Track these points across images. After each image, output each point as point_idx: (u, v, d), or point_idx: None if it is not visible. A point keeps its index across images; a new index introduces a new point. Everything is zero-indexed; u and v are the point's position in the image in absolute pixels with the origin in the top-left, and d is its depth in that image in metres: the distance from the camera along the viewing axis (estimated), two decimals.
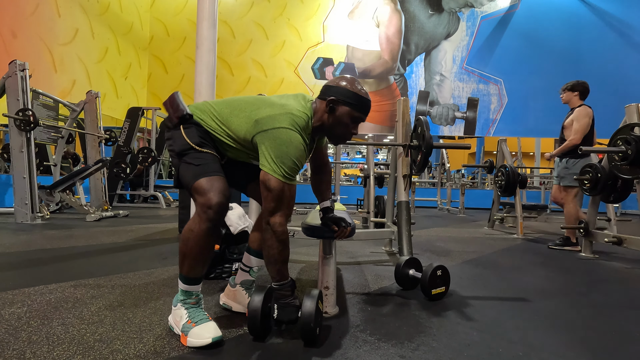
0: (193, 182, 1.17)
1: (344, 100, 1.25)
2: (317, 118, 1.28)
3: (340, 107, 1.26)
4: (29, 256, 2.39)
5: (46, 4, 5.75)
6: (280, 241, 1.17)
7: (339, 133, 1.30)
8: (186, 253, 1.17)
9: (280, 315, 1.19)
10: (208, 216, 1.13)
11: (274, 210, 1.17)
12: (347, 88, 1.26)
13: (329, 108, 1.25)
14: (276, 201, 1.16)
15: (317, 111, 1.28)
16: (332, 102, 1.25)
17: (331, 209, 1.46)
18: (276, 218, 1.17)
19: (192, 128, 1.25)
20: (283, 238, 1.18)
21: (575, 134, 3.19)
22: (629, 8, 7.21)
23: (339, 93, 1.25)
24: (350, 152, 19.02)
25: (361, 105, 1.27)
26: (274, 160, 1.15)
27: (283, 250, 1.19)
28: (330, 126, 1.28)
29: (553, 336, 1.33)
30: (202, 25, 3.03)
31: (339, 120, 1.27)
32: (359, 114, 1.28)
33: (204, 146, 1.24)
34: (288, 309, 1.19)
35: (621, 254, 3.05)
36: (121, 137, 6.48)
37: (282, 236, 1.17)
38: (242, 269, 1.47)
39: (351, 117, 1.27)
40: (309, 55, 7.83)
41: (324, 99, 1.27)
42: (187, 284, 1.20)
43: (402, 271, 1.81)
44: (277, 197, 1.16)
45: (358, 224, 4.17)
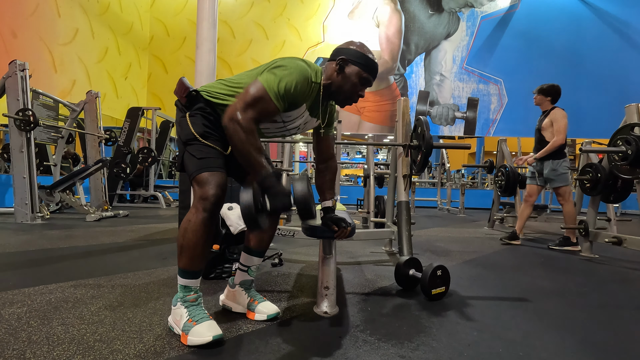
0: (195, 174, 1.21)
1: (353, 60, 1.30)
2: (326, 77, 1.33)
3: (349, 67, 1.31)
4: (29, 256, 2.39)
5: (46, 4, 5.75)
6: (247, 132, 1.13)
7: (347, 92, 1.34)
8: (184, 245, 1.18)
9: (273, 202, 1.14)
10: (204, 206, 1.16)
11: (243, 108, 1.14)
12: (356, 50, 1.31)
13: (339, 67, 1.31)
14: (249, 101, 1.15)
15: (326, 71, 1.33)
16: (341, 61, 1.30)
17: (332, 209, 1.46)
18: (243, 115, 1.13)
19: (198, 116, 1.26)
20: (249, 127, 1.13)
21: (558, 134, 3.24)
22: (629, 8, 7.22)
23: (349, 53, 1.31)
24: (350, 152, 19.03)
25: (369, 66, 1.32)
26: (271, 73, 1.18)
27: (251, 139, 1.14)
28: (338, 85, 1.32)
29: (553, 336, 1.33)
30: (202, 25, 3.03)
31: (347, 79, 1.31)
32: (367, 74, 1.32)
33: (209, 137, 1.25)
34: (280, 196, 1.15)
35: (621, 254, 3.05)
36: (121, 137, 6.48)
37: (247, 127, 1.13)
38: (240, 268, 1.47)
39: (360, 77, 1.32)
40: (309, 55, 7.83)
41: (334, 60, 1.32)
42: (185, 278, 1.20)
43: (402, 271, 1.81)
44: (253, 101, 1.15)
45: (358, 224, 4.18)
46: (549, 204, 6.63)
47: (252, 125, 1.15)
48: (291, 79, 1.19)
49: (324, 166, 1.52)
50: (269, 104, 1.18)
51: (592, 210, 2.98)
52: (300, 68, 1.22)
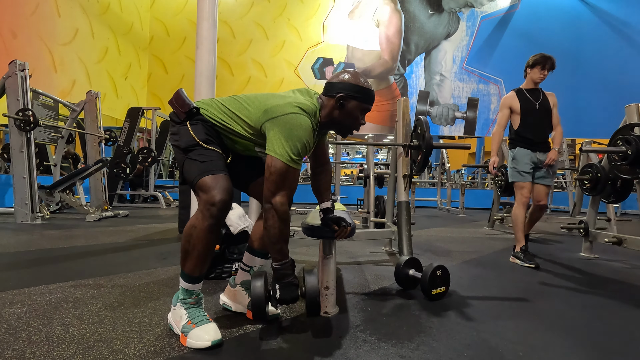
0: (198, 180, 1.18)
1: (352, 95, 1.29)
2: (325, 114, 1.32)
3: (349, 102, 1.30)
4: (29, 256, 2.39)
5: (46, 4, 5.75)
6: (281, 220, 1.17)
7: (349, 125, 1.35)
8: (189, 250, 1.17)
9: (283, 294, 1.19)
10: (211, 213, 1.14)
11: (276, 191, 1.18)
12: (352, 82, 1.30)
13: (339, 104, 1.30)
14: (279, 183, 1.17)
15: (324, 107, 1.32)
16: (341, 99, 1.29)
17: (331, 210, 1.46)
18: (278, 198, 1.17)
19: (199, 125, 1.26)
20: (284, 217, 1.18)
21: (559, 122, 2.82)
22: (629, 8, 7.22)
23: (345, 89, 1.29)
24: (350, 152, 19.02)
25: (367, 97, 1.33)
26: (282, 144, 1.17)
27: (284, 229, 1.19)
28: (340, 120, 1.33)
29: (553, 336, 1.33)
30: (202, 25, 3.03)
31: (349, 114, 1.32)
32: (367, 105, 1.33)
33: (210, 143, 1.25)
34: (290, 287, 1.20)
35: (621, 254, 3.05)
36: (121, 137, 6.48)
37: (283, 215, 1.18)
38: (242, 269, 1.47)
39: (360, 110, 1.33)
40: (309, 55, 7.84)
41: (332, 96, 1.31)
42: (188, 282, 1.20)
43: (402, 271, 1.81)
44: (281, 179, 1.17)
45: (358, 224, 4.18)
46: (548, 204, 6.63)
47: (287, 208, 1.19)
48: (302, 142, 1.19)
49: (320, 170, 1.52)
50: (294, 173, 1.20)
51: (592, 210, 2.98)
52: (305, 126, 1.20)
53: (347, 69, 1.39)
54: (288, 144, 1.17)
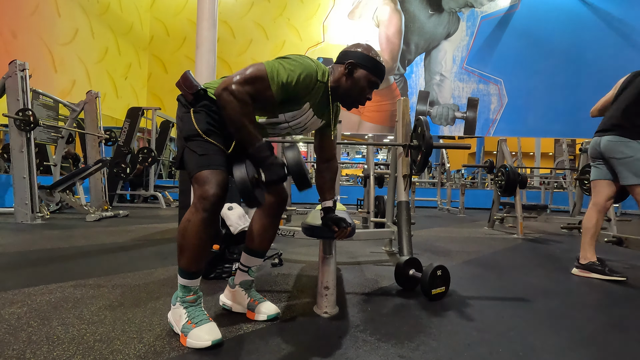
0: (195, 172, 1.19)
1: (362, 64, 1.30)
2: (334, 79, 1.33)
3: (358, 70, 1.31)
4: (29, 256, 2.39)
5: (46, 4, 5.75)
6: (240, 100, 1.14)
7: (354, 95, 1.34)
8: (184, 245, 1.17)
9: (269, 175, 1.15)
10: (204, 206, 1.14)
11: (241, 81, 1.15)
12: (365, 53, 1.31)
13: (348, 71, 1.30)
14: (248, 78, 1.16)
15: (333, 73, 1.33)
16: (350, 65, 1.30)
17: (333, 209, 1.46)
18: (237, 87, 1.14)
19: (202, 113, 1.25)
20: (242, 97, 1.14)
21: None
22: (629, 8, 7.21)
23: (357, 57, 1.30)
24: (350, 152, 19.02)
25: (378, 70, 1.33)
26: (277, 61, 1.19)
27: (245, 109, 1.15)
28: (346, 89, 1.33)
29: (553, 336, 1.33)
30: (202, 25, 3.03)
31: (355, 83, 1.31)
32: (375, 78, 1.33)
33: (211, 134, 1.23)
34: (274, 167, 1.16)
35: (621, 254, 3.05)
36: (121, 137, 6.48)
37: (241, 95, 1.14)
38: (240, 269, 1.47)
39: (368, 81, 1.32)
40: (309, 55, 7.82)
41: (342, 63, 1.32)
42: (185, 278, 1.20)
43: (402, 271, 1.81)
44: (252, 78, 1.16)
45: (358, 224, 4.18)
46: (549, 204, 6.64)
47: (247, 98, 1.15)
48: (294, 72, 1.19)
49: (325, 166, 1.51)
50: (266, 87, 1.18)
51: None
52: (306, 64, 1.23)
53: (361, 42, 1.38)
54: (280, 65, 1.19)
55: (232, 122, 1.16)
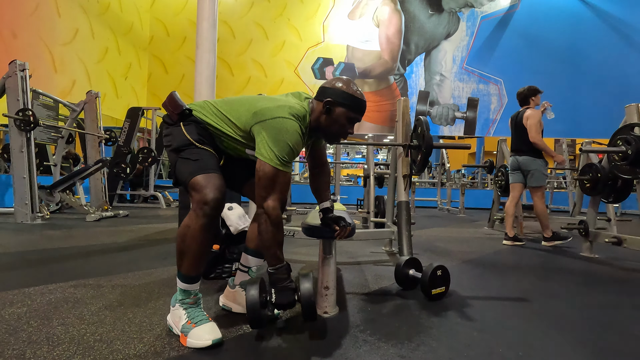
0: (190, 179, 1.18)
1: (340, 102, 1.28)
2: (314, 118, 1.31)
3: (336, 109, 1.29)
4: (29, 256, 2.39)
5: (46, 4, 5.75)
6: (274, 224, 1.17)
7: (335, 132, 1.33)
8: (184, 250, 1.17)
9: (279, 298, 1.18)
10: (204, 212, 1.14)
11: (267, 196, 1.18)
12: (343, 89, 1.29)
13: (326, 109, 1.28)
14: (270, 187, 1.17)
15: (313, 111, 1.31)
16: (328, 104, 1.28)
17: (331, 210, 1.46)
18: (269, 202, 1.17)
19: (192, 125, 1.27)
20: (277, 221, 1.18)
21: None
22: (629, 8, 7.21)
23: (335, 95, 1.28)
24: (350, 152, 19.02)
25: (357, 106, 1.30)
26: (270, 148, 1.17)
27: (277, 234, 1.19)
28: (326, 126, 1.31)
29: (553, 336, 1.33)
30: (202, 25, 3.03)
31: (335, 121, 1.30)
32: (355, 114, 1.31)
33: (203, 143, 1.25)
34: (286, 292, 1.19)
35: (621, 254, 3.05)
36: (121, 137, 6.48)
37: (276, 219, 1.17)
38: (240, 269, 1.47)
39: (347, 118, 1.30)
40: (309, 55, 7.83)
41: (321, 100, 1.30)
42: (186, 283, 1.20)
43: (402, 271, 1.81)
44: (271, 183, 1.17)
45: (358, 224, 4.17)
46: (549, 204, 6.64)
47: (279, 212, 1.19)
48: (290, 147, 1.18)
49: (318, 170, 1.53)
50: (283, 176, 1.19)
51: (592, 210, 2.98)
52: (291, 130, 1.19)
53: (341, 76, 1.37)
54: (276, 148, 1.17)
55: (262, 241, 1.20)
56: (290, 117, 1.20)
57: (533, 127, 3.34)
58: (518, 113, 3.56)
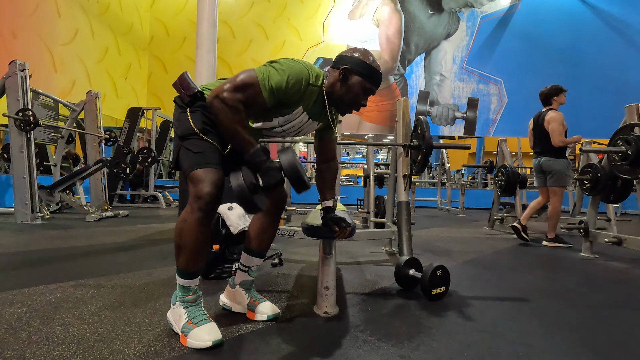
0: (190, 171, 1.18)
1: (357, 70, 1.27)
2: (328, 84, 1.30)
3: (352, 77, 1.28)
4: (29, 256, 2.39)
5: (46, 4, 5.75)
6: (232, 108, 1.14)
7: (348, 101, 1.32)
8: (181, 245, 1.17)
9: (266, 179, 1.14)
10: (199, 205, 1.14)
11: (232, 90, 1.15)
12: (360, 59, 1.28)
13: (342, 76, 1.28)
14: (239, 85, 1.15)
15: (328, 77, 1.31)
16: (345, 71, 1.27)
17: (333, 209, 1.46)
18: (228, 94, 1.14)
19: (198, 113, 1.25)
20: (234, 105, 1.14)
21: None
22: (629, 8, 7.22)
23: (352, 63, 1.28)
24: (350, 152, 19.03)
25: (373, 76, 1.30)
26: (267, 66, 1.18)
27: (237, 116, 1.15)
28: (341, 94, 1.30)
29: (553, 336, 1.33)
30: (202, 25, 3.04)
31: (350, 89, 1.29)
32: (370, 85, 1.30)
33: (207, 133, 1.23)
34: (271, 172, 1.15)
35: (621, 254, 3.05)
36: (121, 137, 6.47)
37: (233, 103, 1.14)
38: (240, 269, 1.47)
39: (362, 88, 1.29)
40: (309, 55, 7.84)
41: (337, 68, 1.29)
42: (184, 278, 1.20)
43: (402, 271, 1.81)
44: (242, 85, 1.16)
45: (358, 224, 4.17)
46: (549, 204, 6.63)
47: (239, 104, 1.15)
48: (284, 76, 1.18)
49: (325, 166, 1.51)
50: (257, 93, 1.17)
51: (592, 210, 2.98)
52: (296, 68, 1.21)
53: (359, 47, 1.35)
54: (271, 70, 1.17)
55: (226, 130, 1.17)
56: (302, 63, 1.21)
57: (555, 133, 3.24)
58: (540, 114, 3.44)
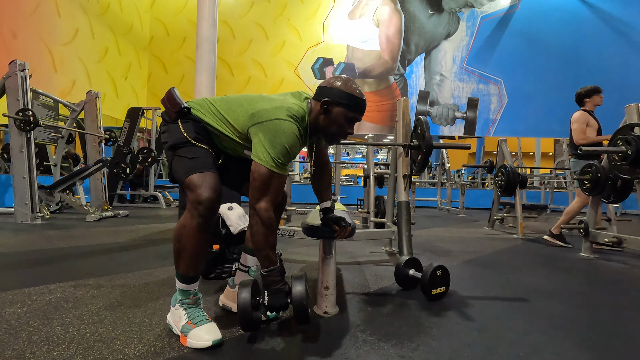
0: (185, 178, 1.19)
1: (338, 101, 1.26)
2: (312, 118, 1.30)
3: (334, 108, 1.27)
4: (29, 256, 2.39)
5: (46, 4, 5.75)
6: (266, 226, 1.17)
7: (333, 133, 1.31)
8: (181, 250, 1.17)
9: (272, 301, 1.18)
10: (199, 212, 1.14)
11: (260, 197, 1.17)
12: (340, 89, 1.26)
13: (324, 109, 1.27)
14: (263, 189, 1.17)
15: (312, 111, 1.30)
16: (326, 104, 1.26)
17: (331, 209, 1.46)
18: (262, 204, 1.17)
19: (190, 123, 1.27)
20: (269, 223, 1.17)
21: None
22: (629, 8, 7.21)
23: (332, 94, 1.26)
24: (350, 152, 19.03)
25: (355, 105, 1.28)
26: (266, 150, 1.16)
27: (269, 235, 1.18)
28: (324, 126, 1.29)
29: (553, 336, 1.33)
30: (202, 25, 3.03)
31: (333, 121, 1.28)
32: (354, 114, 1.29)
33: (200, 141, 1.25)
34: (279, 294, 1.18)
35: (621, 254, 3.05)
36: (121, 137, 6.48)
37: (267, 221, 1.17)
38: (240, 269, 1.47)
39: (345, 118, 1.28)
40: (309, 55, 7.83)
41: (319, 100, 1.28)
42: (184, 283, 1.20)
43: (402, 271, 1.81)
44: (265, 185, 1.17)
45: (358, 224, 4.17)
46: (549, 204, 6.63)
47: (271, 214, 1.18)
48: (286, 149, 1.18)
49: (319, 170, 1.53)
50: (278, 179, 1.19)
51: (592, 210, 2.98)
52: (288, 132, 1.19)
53: (340, 75, 1.35)
54: (272, 150, 1.16)
55: (255, 243, 1.20)
56: (287, 118, 1.19)
57: (576, 132, 3.29)
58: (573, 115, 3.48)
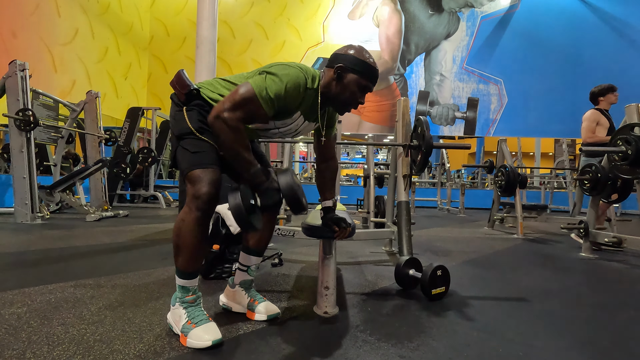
0: (187, 172, 1.19)
1: (351, 67, 1.25)
2: (323, 83, 1.29)
3: (347, 75, 1.26)
4: (29, 256, 2.39)
5: (46, 4, 5.75)
6: (233, 129, 1.13)
7: (345, 100, 1.30)
8: (180, 245, 1.17)
9: (264, 200, 1.15)
10: (197, 205, 1.15)
11: (231, 108, 1.13)
12: (355, 56, 1.26)
13: (337, 75, 1.26)
14: (238, 102, 1.14)
15: (324, 77, 1.30)
16: (339, 69, 1.25)
17: (333, 209, 1.46)
18: (229, 114, 1.12)
19: (194, 111, 1.25)
20: (235, 125, 1.13)
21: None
22: (629, 8, 7.22)
23: (346, 60, 1.26)
24: (350, 152, 19.04)
25: (369, 73, 1.27)
26: (263, 78, 1.16)
27: (238, 136, 1.14)
28: (336, 93, 1.28)
29: (553, 336, 1.33)
30: (202, 25, 3.04)
31: (345, 88, 1.27)
32: (367, 82, 1.28)
33: (204, 132, 1.23)
34: (269, 192, 1.16)
35: (621, 254, 3.05)
36: (121, 137, 6.47)
37: (233, 123, 1.13)
38: (239, 268, 1.47)
39: (358, 85, 1.27)
40: (309, 55, 7.84)
41: (332, 67, 1.28)
42: (183, 279, 1.20)
43: (402, 271, 1.81)
44: (242, 101, 1.14)
45: (358, 224, 4.17)
46: (549, 204, 6.64)
47: (239, 124, 1.14)
48: (281, 85, 1.17)
49: (325, 166, 1.51)
50: (257, 107, 1.16)
51: (592, 210, 2.98)
52: (293, 74, 1.19)
53: (353, 44, 1.34)
54: (269, 79, 1.16)
55: (226, 150, 1.16)
56: (297, 67, 1.20)
57: (585, 130, 3.33)
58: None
